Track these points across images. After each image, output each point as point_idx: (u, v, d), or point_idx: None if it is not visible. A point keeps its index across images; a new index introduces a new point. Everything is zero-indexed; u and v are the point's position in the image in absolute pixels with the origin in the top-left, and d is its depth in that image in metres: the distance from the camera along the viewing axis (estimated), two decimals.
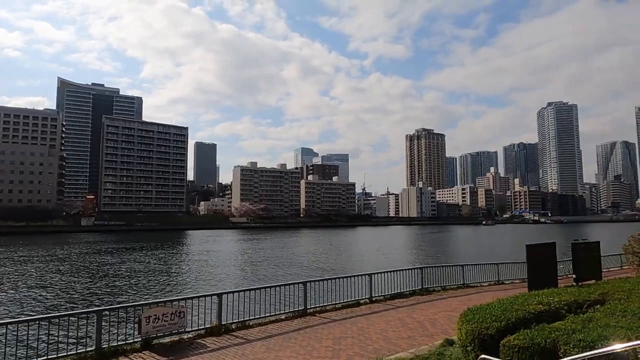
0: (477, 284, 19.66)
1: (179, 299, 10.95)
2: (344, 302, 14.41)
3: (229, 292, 11.78)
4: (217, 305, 11.33)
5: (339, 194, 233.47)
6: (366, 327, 11.69)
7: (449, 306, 14.58)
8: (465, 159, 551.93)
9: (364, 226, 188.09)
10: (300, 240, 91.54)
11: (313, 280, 13.80)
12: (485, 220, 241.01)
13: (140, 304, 10.60)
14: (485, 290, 18.42)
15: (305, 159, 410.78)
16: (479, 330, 7.59)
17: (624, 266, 22.42)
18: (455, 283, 18.69)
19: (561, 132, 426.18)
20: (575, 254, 12.64)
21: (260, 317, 12.19)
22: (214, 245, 73.66)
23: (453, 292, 17.71)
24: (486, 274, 20.43)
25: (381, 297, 15.58)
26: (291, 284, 13.30)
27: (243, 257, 55.09)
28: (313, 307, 13.56)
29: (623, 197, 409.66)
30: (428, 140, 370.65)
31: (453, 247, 77.88)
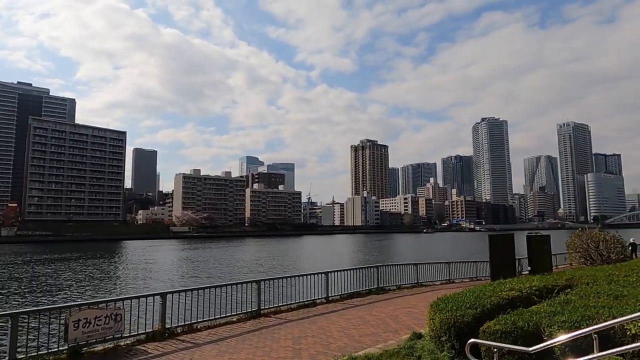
0: (430, 282, 19.60)
1: (115, 299, 9.51)
2: (300, 302, 13.55)
3: (173, 292, 10.51)
4: (160, 307, 10.04)
5: (285, 202, 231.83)
6: (326, 325, 10.92)
7: (407, 303, 14.19)
8: (406, 169, 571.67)
9: (309, 235, 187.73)
10: (247, 248, 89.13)
11: (267, 279, 12.81)
12: (426, 229, 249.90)
13: (67, 305, 9.03)
14: (438, 288, 18.34)
15: (250, 168, 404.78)
16: (454, 319, 7.11)
17: (572, 263, 23.39)
18: (409, 282, 18.46)
19: (493, 145, 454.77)
20: (530, 246, 12.76)
21: (209, 320, 11.02)
22: (153, 254, 69.54)
23: (408, 290, 17.43)
24: (438, 273, 20.48)
25: (337, 296, 14.89)
26: (243, 283, 12.24)
27: (186, 262, 52.31)
28: (267, 307, 12.57)
29: (547, 206, 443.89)
30: (372, 150, 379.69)
31: (402, 251, 79.42)
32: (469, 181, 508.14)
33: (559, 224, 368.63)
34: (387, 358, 7.58)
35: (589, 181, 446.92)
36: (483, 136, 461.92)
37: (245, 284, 12.21)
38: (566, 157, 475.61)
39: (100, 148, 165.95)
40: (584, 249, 17.90)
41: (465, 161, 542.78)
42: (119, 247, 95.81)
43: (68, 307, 8.82)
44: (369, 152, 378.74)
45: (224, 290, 11.63)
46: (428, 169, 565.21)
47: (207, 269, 45.34)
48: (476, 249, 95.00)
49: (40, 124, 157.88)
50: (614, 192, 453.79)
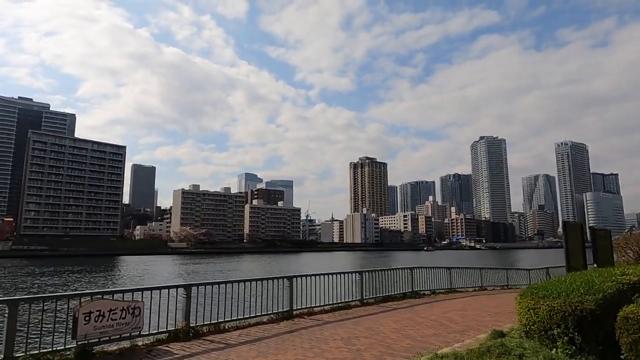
0: (463, 288, 18.04)
1: (133, 289, 7.98)
2: (333, 304, 12.01)
3: (199, 285, 8.97)
4: (184, 302, 8.52)
5: (285, 219, 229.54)
6: (374, 327, 9.38)
7: (452, 306, 12.64)
8: (405, 187, 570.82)
9: (309, 252, 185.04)
10: (250, 263, 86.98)
11: (300, 275, 11.27)
12: (426, 247, 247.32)
13: (77, 293, 7.49)
14: (474, 294, 16.82)
15: (249, 185, 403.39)
16: (571, 306, 5.62)
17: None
18: (442, 287, 16.90)
19: (492, 164, 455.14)
20: (595, 240, 11.39)
21: (237, 319, 9.47)
22: (156, 267, 67.43)
23: (444, 295, 15.88)
24: (470, 279, 18.90)
25: (372, 299, 13.34)
26: (274, 278, 10.68)
27: (196, 272, 50.38)
28: (300, 308, 11.02)
29: (546, 225, 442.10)
30: (371, 168, 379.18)
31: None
32: (467, 199, 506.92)
33: (559, 243, 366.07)
34: (477, 357, 6.08)
35: (588, 200, 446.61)
36: (482, 154, 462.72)
37: (277, 279, 10.67)
38: (564, 176, 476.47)
39: (99, 162, 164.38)
40: (634, 251, 16.44)
41: (463, 179, 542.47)
42: (118, 262, 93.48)
43: (78, 296, 7.29)
44: (368, 169, 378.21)
45: (252, 286, 10.11)
46: (427, 187, 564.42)
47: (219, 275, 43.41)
48: (475, 263, 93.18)
49: (40, 137, 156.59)
50: (612, 211, 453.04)
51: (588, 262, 15.27)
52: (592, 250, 10.93)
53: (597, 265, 11.31)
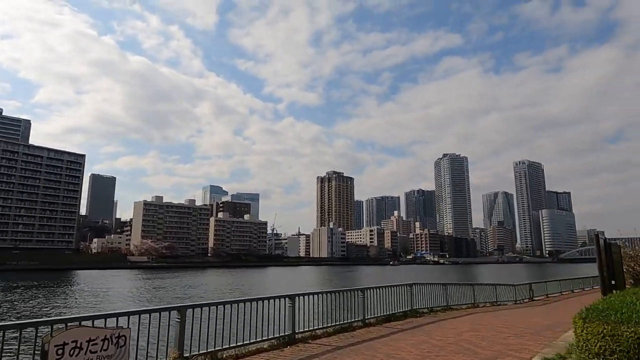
0: (457, 306, 17.24)
1: (116, 313, 6.51)
2: (336, 325, 10.82)
3: (194, 306, 7.57)
4: (176, 327, 7.12)
5: (251, 233, 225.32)
6: (393, 352, 8.27)
7: (460, 326, 11.73)
8: (371, 202, 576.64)
9: (275, 266, 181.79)
10: (217, 279, 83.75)
11: (302, 294, 10.03)
12: (392, 261, 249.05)
13: (47, 320, 5.97)
14: (471, 312, 16.05)
15: (214, 197, 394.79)
16: None
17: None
18: (439, 304, 16.02)
19: (455, 181, 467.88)
20: (611, 254, 10.85)
21: (236, 346, 8.11)
22: (118, 283, 63.43)
23: (442, 313, 14.99)
24: (464, 296, 18.16)
25: (373, 318, 12.23)
26: (274, 298, 9.36)
27: (175, 287, 47.42)
28: (302, 331, 9.76)
29: (506, 241, 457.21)
30: (338, 182, 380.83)
31: (375, 282, 76.88)
32: (431, 215, 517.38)
33: (517, 258, 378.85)
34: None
35: (544, 217, 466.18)
36: (445, 172, 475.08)
37: (277, 299, 9.37)
38: (522, 194, 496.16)
39: (55, 171, 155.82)
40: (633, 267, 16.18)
41: (427, 195, 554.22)
42: (73, 277, 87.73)
43: (49, 323, 5.79)
44: (335, 183, 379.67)
45: (249, 307, 8.76)
46: (392, 202, 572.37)
47: (183, 290, 41.06)
48: (442, 278, 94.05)
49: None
50: (565, 227, 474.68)
51: (590, 276, 14.82)
52: (598, 264, 10.35)
53: (615, 281, 10.78)
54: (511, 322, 12.66)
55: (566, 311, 17.05)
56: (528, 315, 15.26)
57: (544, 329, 11.25)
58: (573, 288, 31.03)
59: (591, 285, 35.39)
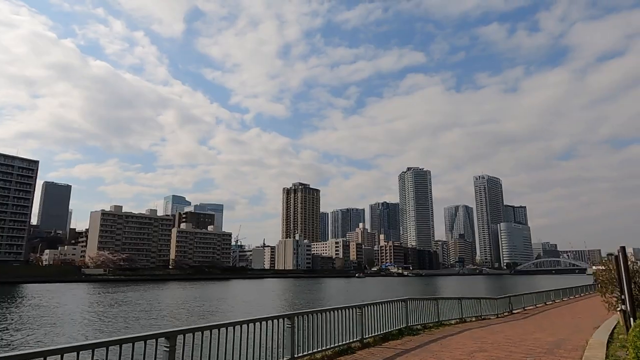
0: (447, 321, 16.53)
1: (95, 343, 5.13)
2: (335, 347, 9.74)
3: (185, 331, 6.30)
4: (164, 357, 5.84)
5: (214, 244, 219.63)
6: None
7: (466, 346, 10.92)
8: (336, 214, 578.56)
9: (239, 279, 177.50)
10: (179, 292, 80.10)
11: (301, 312, 8.88)
12: (358, 273, 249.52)
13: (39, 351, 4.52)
14: (464, 327, 15.34)
15: (176, 208, 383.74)
16: None
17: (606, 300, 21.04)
18: (432, 320, 15.23)
19: (418, 194, 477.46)
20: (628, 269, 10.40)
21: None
22: (59, 299, 59.12)
23: (436, 330, 14.19)
24: (451, 310, 17.47)
25: (370, 337, 11.24)
26: (272, 318, 8.14)
27: (144, 305, 44.34)
28: (300, 355, 8.60)
29: (466, 253, 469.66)
30: (304, 194, 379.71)
31: (342, 294, 75.78)
32: (395, 227, 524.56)
33: (477, 270, 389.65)
34: None
35: (502, 230, 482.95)
36: (409, 185, 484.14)
37: (275, 319, 8.17)
38: (481, 207, 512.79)
39: (4, 178, 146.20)
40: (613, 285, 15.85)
41: (391, 208, 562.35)
42: (21, 291, 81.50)
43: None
44: (301, 195, 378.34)
45: (244, 329, 7.56)
46: (357, 214, 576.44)
47: (142, 304, 38.50)
48: (409, 291, 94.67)
49: None
50: (522, 240, 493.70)
51: (556, 288, 14.41)
52: (626, 282, 9.92)
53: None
54: (513, 339, 12.02)
55: (555, 324, 16.70)
56: (523, 330, 14.72)
57: (552, 346, 10.64)
58: (546, 301, 31.33)
59: (560, 297, 36.09)
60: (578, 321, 18.14)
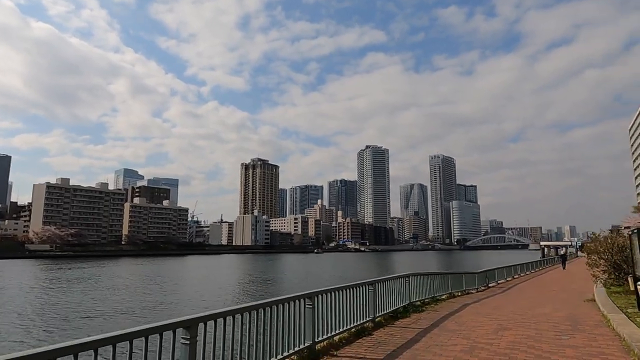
0: (438, 296, 15.96)
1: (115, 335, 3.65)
2: (351, 328, 8.67)
3: (205, 318, 4.89)
4: (184, 351, 4.46)
5: (170, 220, 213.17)
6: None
7: (485, 324, 10.20)
8: (294, 191, 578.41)
9: (196, 254, 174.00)
10: (130, 268, 76.71)
11: (322, 291, 7.66)
12: (316, 249, 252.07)
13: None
14: (455, 302, 14.82)
15: (128, 182, 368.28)
16: None
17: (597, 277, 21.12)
18: (428, 296, 14.53)
19: (376, 172, 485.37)
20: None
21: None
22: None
23: (436, 306, 13.51)
24: (442, 285, 16.92)
25: (380, 316, 10.27)
26: (291, 300, 6.85)
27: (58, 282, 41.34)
28: (320, 340, 7.44)
29: (420, 229, 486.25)
30: (263, 170, 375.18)
31: (303, 270, 75.50)
32: (352, 204, 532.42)
33: (430, 246, 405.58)
34: None
35: (454, 208, 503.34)
36: (367, 162, 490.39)
37: (294, 300, 6.88)
38: (435, 186, 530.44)
39: None
40: (604, 259, 15.90)
41: (349, 185, 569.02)
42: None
43: None
44: (260, 171, 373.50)
45: (262, 314, 6.20)
46: (315, 191, 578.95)
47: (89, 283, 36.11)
48: (368, 266, 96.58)
49: None
50: (471, 218, 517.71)
51: (521, 263, 14.12)
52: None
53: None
54: (522, 314, 11.52)
55: (544, 298, 16.59)
56: (520, 304, 14.37)
57: (570, 321, 10.13)
58: (513, 274, 32.18)
59: (524, 271, 37.38)
60: (559, 295, 18.22)
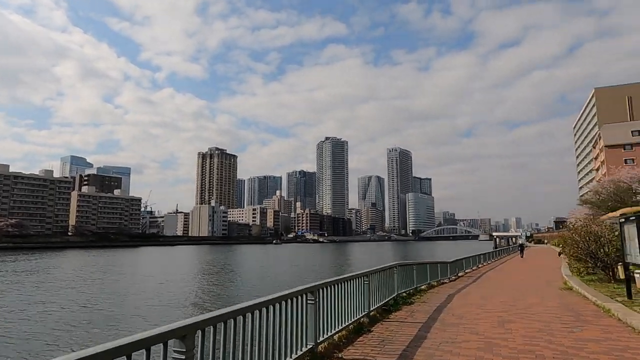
0: (419, 286, 15.39)
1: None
2: (349, 325, 7.72)
3: (205, 322, 3.73)
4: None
5: (121, 209, 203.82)
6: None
7: (476, 312, 9.58)
8: (253, 181, 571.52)
9: (150, 245, 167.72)
10: (77, 261, 72.13)
11: (323, 283, 6.59)
12: (275, 240, 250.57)
13: None
14: (436, 292, 14.30)
15: (77, 170, 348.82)
16: None
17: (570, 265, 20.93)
18: (411, 287, 13.89)
19: (335, 163, 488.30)
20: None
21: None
22: None
23: (422, 297, 12.86)
24: (423, 275, 16.37)
25: (374, 310, 9.40)
26: (293, 296, 5.73)
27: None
28: (322, 340, 6.43)
29: (377, 220, 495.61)
30: (221, 159, 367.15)
31: (272, 260, 74.13)
32: (311, 195, 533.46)
33: (386, 236, 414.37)
34: None
35: (409, 200, 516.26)
36: (326, 154, 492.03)
37: (296, 297, 5.78)
38: (393, 178, 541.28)
39: None
40: (582, 248, 15.87)
41: (308, 176, 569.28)
42: None
43: None
44: (218, 160, 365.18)
45: (264, 314, 5.04)
46: (274, 182, 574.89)
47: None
48: (327, 257, 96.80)
49: None
50: (426, 209, 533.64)
51: (484, 252, 13.89)
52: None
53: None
54: (515, 305, 11.06)
55: (523, 287, 16.45)
56: (507, 293, 14.03)
57: (568, 312, 9.73)
58: (478, 264, 32.62)
59: (485, 261, 38.15)
60: (534, 283, 18.24)
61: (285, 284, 35.01)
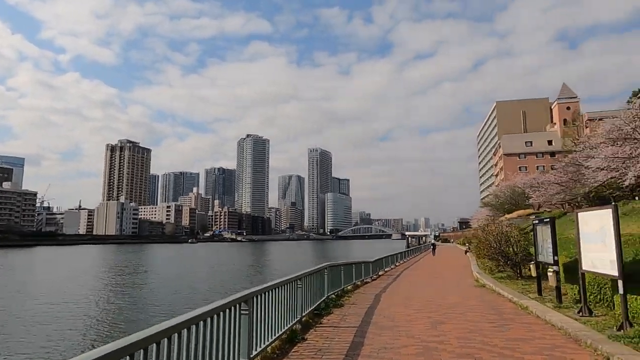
0: (345, 287, 15.24)
1: None
2: (282, 334, 7.08)
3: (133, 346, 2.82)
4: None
5: (12, 204, 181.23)
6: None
7: (406, 312, 9.50)
8: (168, 177, 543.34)
9: (46, 245, 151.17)
10: None
11: (259, 290, 5.85)
12: (190, 239, 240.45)
13: None
14: (368, 293, 14.26)
15: None
16: None
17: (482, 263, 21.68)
18: (338, 287, 13.63)
19: (256, 161, 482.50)
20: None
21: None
22: None
23: (351, 299, 12.64)
24: (349, 276, 16.26)
25: (305, 315, 8.86)
26: (226, 308, 4.87)
27: None
28: (256, 354, 5.72)
29: (296, 219, 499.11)
30: (132, 153, 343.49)
31: (182, 260, 70.30)
32: (230, 193, 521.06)
33: (305, 235, 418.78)
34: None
35: (328, 200, 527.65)
36: (247, 151, 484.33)
37: (228, 309, 4.98)
38: (313, 178, 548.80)
39: None
40: (494, 247, 16.89)
41: (227, 174, 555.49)
42: None
43: None
44: (129, 153, 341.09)
45: (190, 332, 4.19)
46: (191, 178, 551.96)
47: None
48: (248, 257, 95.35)
49: None
50: (344, 209, 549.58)
51: (399, 252, 14.59)
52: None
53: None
54: (442, 303, 11.27)
55: (446, 286, 17.06)
56: (428, 292, 14.37)
57: (494, 311, 10.07)
58: (395, 263, 33.75)
59: (400, 260, 39.75)
60: (449, 280, 19.10)
61: (204, 293, 33.15)
